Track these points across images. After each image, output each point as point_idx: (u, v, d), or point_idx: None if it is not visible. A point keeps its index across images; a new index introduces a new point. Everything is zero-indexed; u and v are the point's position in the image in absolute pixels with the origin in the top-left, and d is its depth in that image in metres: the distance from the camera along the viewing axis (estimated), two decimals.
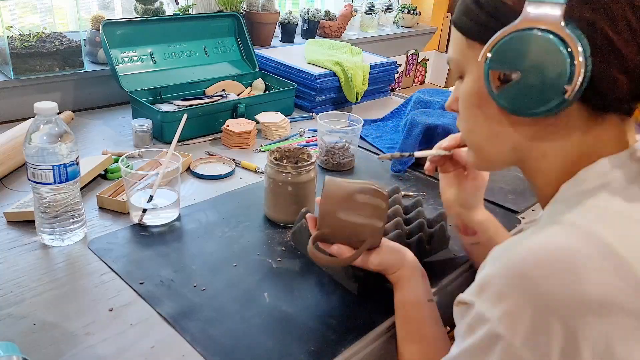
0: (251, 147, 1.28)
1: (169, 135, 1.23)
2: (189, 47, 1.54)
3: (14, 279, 0.78)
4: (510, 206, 1.08)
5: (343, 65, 1.55)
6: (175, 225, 0.94)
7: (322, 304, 0.77)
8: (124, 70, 1.40)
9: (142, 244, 0.88)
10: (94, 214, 0.95)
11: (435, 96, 1.36)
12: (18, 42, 1.32)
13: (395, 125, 1.45)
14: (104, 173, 1.08)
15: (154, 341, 0.68)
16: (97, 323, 0.71)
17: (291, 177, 0.92)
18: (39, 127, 0.80)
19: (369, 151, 1.32)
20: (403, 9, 2.46)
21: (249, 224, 0.95)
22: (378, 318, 0.75)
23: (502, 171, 1.23)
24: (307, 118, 1.50)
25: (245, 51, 1.63)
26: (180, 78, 1.46)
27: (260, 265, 0.84)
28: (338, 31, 2.13)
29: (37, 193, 0.83)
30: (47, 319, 0.70)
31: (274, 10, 1.85)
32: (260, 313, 0.74)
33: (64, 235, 0.86)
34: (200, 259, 0.85)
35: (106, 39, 1.35)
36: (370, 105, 1.66)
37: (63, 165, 0.81)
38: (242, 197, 1.05)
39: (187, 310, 0.73)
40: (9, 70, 1.32)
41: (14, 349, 0.56)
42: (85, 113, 1.43)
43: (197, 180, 1.11)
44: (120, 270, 0.81)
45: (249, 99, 1.40)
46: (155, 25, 1.48)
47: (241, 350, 0.67)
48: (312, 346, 0.69)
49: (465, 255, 0.90)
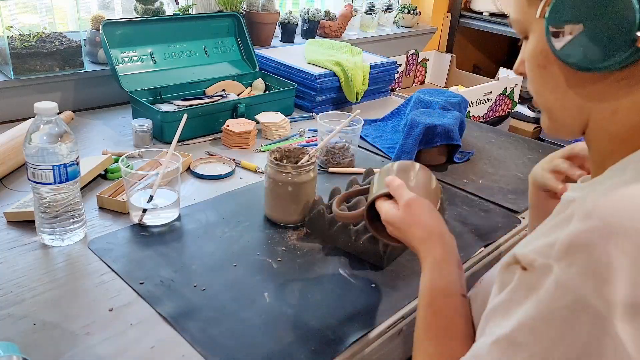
0: (251, 147, 1.28)
1: (169, 135, 1.23)
2: (189, 47, 1.54)
3: (14, 279, 0.78)
4: (510, 206, 1.08)
5: (343, 65, 1.55)
6: (175, 225, 0.94)
7: (322, 304, 0.77)
8: (124, 70, 1.40)
9: (142, 244, 0.88)
10: (94, 214, 0.95)
11: (435, 96, 1.36)
12: (18, 42, 1.32)
13: (396, 125, 1.45)
14: (104, 173, 1.08)
15: (154, 341, 0.68)
16: (97, 323, 0.71)
17: (291, 177, 0.92)
18: (39, 127, 0.80)
19: (369, 151, 1.32)
20: (403, 9, 2.46)
21: (249, 224, 0.95)
22: (378, 318, 0.75)
23: (501, 171, 1.23)
24: (307, 118, 1.50)
25: (245, 51, 1.63)
26: (180, 78, 1.46)
27: (260, 265, 0.84)
28: (338, 31, 2.13)
29: (37, 193, 0.83)
30: (47, 319, 0.70)
31: (274, 10, 1.85)
32: (260, 313, 0.74)
33: (64, 235, 0.86)
34: (200, 259, 0.85)
35: (106, 39, 1.35)
36: (370, 105, 1.66)
37: (63, 165, 0.81)
38: (242, 197, 1.05)
39: (187, 310, 0.73)
40: (9, 70, 1.32)
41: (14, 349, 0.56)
42: (85, 113, 1.43)
43: (197, 180, 1.11)
44: (120, 270, 0.81)
45: (249, 99, 1.40)
46: (155, 25, 1.48)
47: (241, 350, 0.67)
48: (312, 346, 0.69)
49: (467, 255, 0.90)
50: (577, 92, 0.53)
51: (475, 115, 2.18)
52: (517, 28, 0.58)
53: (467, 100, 1.41)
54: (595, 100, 0.52)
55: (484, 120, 2.24)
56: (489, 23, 2.54)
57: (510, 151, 1.36)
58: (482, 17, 2.56)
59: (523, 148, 1.39)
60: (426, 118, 1.21)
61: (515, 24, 0.58)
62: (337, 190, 0.98)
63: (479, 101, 2.17)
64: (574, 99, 0.54)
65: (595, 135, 0.54)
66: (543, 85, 0.56)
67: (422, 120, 1.19)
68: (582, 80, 0.52)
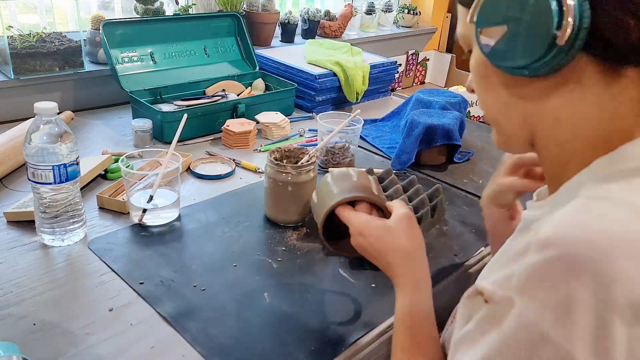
0: (251, 147, 1.28)
1: (169, 135, 1.23)
2: (189, 47, 1.54)
3: (14, 279, 0.78)
4: None
5: (343, 65, 1.55)
6: (175, 225, 0.94)
7: (321, 304, 0.77)
8: (124, 70, 1.40)
9: (142, 244, 0.88)
10: (94, 214, 0.95)
11: (435, 96, 1.36)
12: (18, 42, 1.32)
13: (395, 125, 1.45)
14: (104, 173, 1.08)
15: (154, 341, 0.68)
16: (97, 323, 0.70)
17: (291, 177, 0.92)
18: (39, 127, 0.80)
19: (369, 151, 1.32)
20: (403, 9, 2.46)
21: (249, 224, 0.95)
22: (378, 318, 0.75)
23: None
24: (307, 118, 1.50)
25: (245, 51, 1.63)
26: (180, 78, 1.46)
27: (260, 265, 0.84)
28: (338, 31, 2.13)
29: (37, 193, 0.83)
30: (47, 319, 0.70)
31: (274, 10, 1.85)
32: (260, 313, 0.74)
33: (64, 235, 0.86)
34: (200, 259, 0.85)
35: (106, 39, 1.35)
36: (370, 105, 1.66)
37: (63, 165, 0.81)
38: (242, 197, 1.05)
39: (187, 310, 0.73)
40: (9, 70, 1.32)
41: (14, 349, 0.56)
42: (85, 113, 1.43)
43: (197, 180, 1.11)
44: (120, 270, 0.81)
45: (249, 99, 1.40)
46: (155, 25, 1.48)
47: (241, 350, 0.67)
48: (312, 346, 0.69)
49: (460, 261, 0.90)
50: (517, 100, 0.53)
51: (475, 115, 2.18)
52: (463, 43, 0.59)
53: (467, 100, 1.41)
54: (535, 107, 0.52)
55: (484, 120, 2.24)
56: None
57: None
58: None
59: None
60: (426, 118, 1.21)
61: (461, 38, 0.59)
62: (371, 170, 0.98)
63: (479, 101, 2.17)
64: (516, 107, 0.54)
65: (544, 145, 0.54)
66: (486, 96, 0.57)
67: (422, 120, 1.19)
68: (519, 87, 0.52)
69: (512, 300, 0.43)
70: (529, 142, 0.56)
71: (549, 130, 0.52)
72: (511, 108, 0.54)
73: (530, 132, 0.54)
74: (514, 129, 0.56)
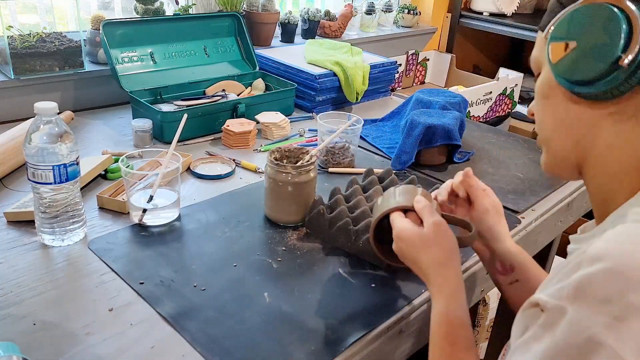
0: (251, 147, 1.28)
1: (169, 135, 1.23)
2: (189, 47, 1.54)
3: (14, 279, 0.78)
4: (511, 206, 1.08)
5: (343, 65, 1.55)
6: (175, 225, 0.94)
7: (322, 304, 0.77)
8: (124, 70, 1.40)
9: (142, 244, 0.88)
10: (94, 214, 0.95)
11: (435, 96, 1.36)
12: (18, 42, 1.32)
13: (396, 125, 1.45)
14: (104, 173, 1.08)
15: (154, 341, 0.68)
16: (97, 323, 0.71)
17: (291, 177, 0.92)
18: (39, 127, 0.80)
19: (369, 151, 1.32)
20: (403, 9, 2.46)
21: (249, 224, 0.95)
22: (378, 318, 0.75)
23: (501, 171, 1.23)
24: (307, 118, 1.50)
25: (245, 51, 1.63)
26: (180, 78, 1.46)
27: (260, 265, 0.84)
28: (338, 31, 2.13)
29: (37, 193, 0.83)
30: (47, 319, 0.70)
31: (274, 10, 1.85)
32: (260, 313, 0.74)
33: (64, 235, 0.86)
34: (200, 259, 0.85)
35: (106, 39, 1.35)
36: (370, 105, 1.66)
37: (63, 165, 0.81)
38: (242, 197, 1.05)
39: (187, 310, 0.73)
40: (9, 70, 1.32)
41: (14, 349, 0.56)
42: (85, 113, 1.43)
43: (197, 180, 1.11)
44: (120, 270, 0.81)
45: (249, 99, 1.40)
46: (155, 25, 1.48)
47: (241, 350, 0.67)
48: (312, 346, 0.69)
49: (467, 254, 0.90)
50: (574, 123, 0.56)
51: (475, 115, 2.18)
52: (534, 66, 0.61)
53: (467, 100, 1.41)
54: (590, 132, 0.55)
55: (484, 120, 2.24)
56: (489, 23, 2.54)
57: (510, 151, 1.36)
58: (482, 17, 2.56)
59: (523, 148, 1.39)
60: (426, 118, 1.21)
61: (533, 61, 0.61)
62: (337, 190, 0.98)
63: (479, 101, 2.17)
64: (571, 129, 0.56)
65: (593, 174, 0.57)
66: (545, 116, 0.60)
67: (422, 120, 1.19)
68: (578, 110, 0.55)
69: (564, 308, 0.45)
70: (577, 169, 0.58)
71: (599, 157, 0.55)
72: (567, 130, 0.57)
73: (581, 157, 0.57)
74: (566, 151, 0.58)
